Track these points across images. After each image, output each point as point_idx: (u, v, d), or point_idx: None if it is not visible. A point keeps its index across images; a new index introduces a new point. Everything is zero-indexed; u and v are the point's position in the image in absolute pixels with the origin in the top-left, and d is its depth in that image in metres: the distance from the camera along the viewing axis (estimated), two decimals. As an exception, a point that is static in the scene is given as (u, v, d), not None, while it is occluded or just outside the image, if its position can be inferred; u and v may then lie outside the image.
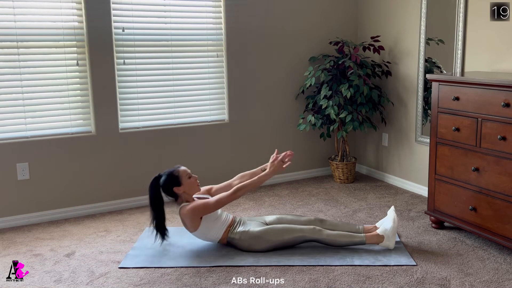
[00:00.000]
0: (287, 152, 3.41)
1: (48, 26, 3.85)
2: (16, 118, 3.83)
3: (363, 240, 3.22)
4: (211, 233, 3.23)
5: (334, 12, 4.91)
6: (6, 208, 3.82)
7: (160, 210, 3.22)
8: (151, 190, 3.22)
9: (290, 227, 3.23)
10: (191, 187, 3.25)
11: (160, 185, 3.22)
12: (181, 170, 3.25)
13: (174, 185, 3.21)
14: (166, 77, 4.30)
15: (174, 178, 3.21)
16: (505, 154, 3.02)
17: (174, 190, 3.21)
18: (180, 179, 3.22)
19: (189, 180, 3.24)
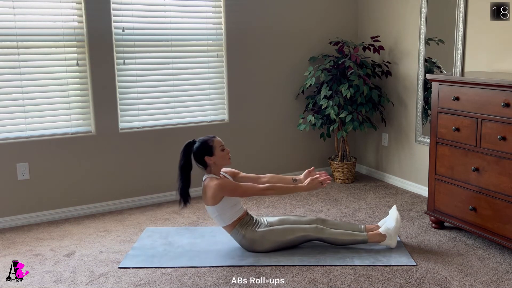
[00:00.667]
0: (323, 172, 3.34)
1: (48, 26, 3.85)
2: (16, 118, 3.83)
3: (365, 239, 3.22)
4: (223, 216, 3.19)
5: (334, 12, 4.91)
6: (6, 208, 3.82)
7: (187, 175, 3.20)
8: (183, 154, 3.20)
9: (292, 227, 3.23)
10: (222, 159, 3.22)
11: (192, 151, 3.20)
12: (216, 140, 3.22)
13: (206, 154, 3.18)
14: (166, 77, 4.30)
15: (208, 147, 3.19)
16: (505, 154, 3.02)
17: (205, 159, 3.18)
18: (213, 149, 3.19)
19: (222, 152, 3.21)
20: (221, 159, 3.21)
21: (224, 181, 3.15)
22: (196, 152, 3.19)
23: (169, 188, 4.39)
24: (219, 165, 3.22)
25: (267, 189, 3.17)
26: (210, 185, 3.14)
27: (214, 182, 3.13)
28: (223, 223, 3.23)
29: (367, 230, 3.32)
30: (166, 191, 4.38)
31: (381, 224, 3.33)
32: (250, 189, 3.17)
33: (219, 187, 3.11)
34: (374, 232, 3.25)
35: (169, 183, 4.38)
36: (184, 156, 3.20)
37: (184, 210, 4.11)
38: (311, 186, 3.23)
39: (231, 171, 3.42)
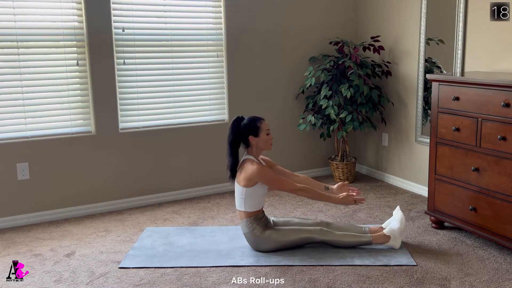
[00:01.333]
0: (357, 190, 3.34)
1: (48, 26, 3.85)
2: (16, 118, 3.83)
3: (370, 240, 3.22)
4: (247, 201, 3.18)
5: (334, 12, 4.91)
6: (6, 208, 3.82)
7: (236, 151, 3.21)
8: (232, 129, 3.20)
9: (297, 228, 3.24)
10: (265, 143, 3.22)
11: (240, 126, 3.20)
12: (264, 123, 3.22)
13: (252, 133, 3.18)
14: (166, 77, 4.30)
15: (255, 127, 3.19)
16: (505, 154, 3.02)
17: (250, 138, 3.19)
18: (260, 131, 3.19)
19: (267, 136, 3.22)
20: (264, 142, 3.22)
21: (264, 167, 3.16)
22: (242, 128, 3.19)
23: (169, 188, 4.39)
24: (260, 148, 3.23)
25: (301, 190, 3.17)
26: (249, 167, 3.14)
27: (254, 165, 3.13)
28: (242, 207, 3.21)
29: (372, 232, 3.32)
30: (166, 191, 4.38)
31: (385, 226, 3.33)
32: (286, 184, 3.18)
33: (258, 171, 3.11)
34: (379, 233, 3.25)
35: (169, 183, 4.39)
36: (232, 131, 3.21)
37: (184, 210, 4.12)
38: (345, 201, 3.24)
39: (268, 159, 3.43)
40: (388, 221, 3.35)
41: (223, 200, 4.36)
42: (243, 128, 3.20)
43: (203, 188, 4.53)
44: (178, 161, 4.41)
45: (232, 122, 3.23)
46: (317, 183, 3.43)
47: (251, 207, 3.19)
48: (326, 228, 3.31)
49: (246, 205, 3.19)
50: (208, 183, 4.56)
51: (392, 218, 3.33)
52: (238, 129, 3.20)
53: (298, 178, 3.41)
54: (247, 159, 3.21)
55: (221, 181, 4.60)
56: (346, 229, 3.34)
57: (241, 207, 3.22)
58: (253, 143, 3.20)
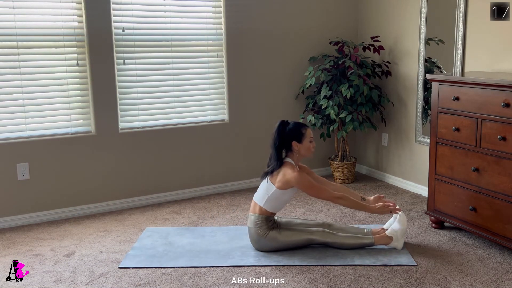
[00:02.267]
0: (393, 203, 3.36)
1: (48, 26, 3.85)
2: (16, 118, 3.83)
3: (372, 242, 3.22)
4: (269, 200, 3.17)
5: (334, 12, 4.91)
6: (6, 208, 3.82)
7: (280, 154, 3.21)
8: (277, 132, 3.20)
9: (299, 229, 3.24)
10: (307, 150, 3.22)
11: (285, 130, 3.19)
12: (309, 130, 3.22)
13: (295, 139, 3.18)
14: (166, 77, 4.30)
15: (300, 133, 3.19)
16: (505, 154, 3.02)
17: (293, 143, 3.18)
18: (303, 137, 3.19)
19: (310, 143, 3.22)
20: (306, 149, 3.21)
21: (304, 175, 3.15)
22: (288, 133, 3.19)
23: (169, 188, 4.39)
24: (302, 154, 3.22)
25: (339, 198, 3.17)
26: (289, 171, 3.13)
27: (295, 171, 3.13)
28: (262, 203, 3.19)
29: (373, 233, 3.32)
30: (166, 191, 4.38)
31: (387, 227, 3.33)
32: (324, 192, 3.17)
33: (298, 178, 3.11)
34: (381, 234, 3.26)
35: (169, 183, 4.39)
36: (278, 134, 3.20)
37: (184, 210, 4.12)
38: (381, 211, 3.26)
39: (305, 167, 3.42)
40: (390, 221, 3.35)
41: (223, 200, 4.36)
42: (288, 132, 3.19)
43: (203, 188, 4.53)
44: (178, 161, 4.41)
45: (278, 126, 3.21)
46: (354, 192, 3.44)
47: (270, 207, 3.20)
48: (328, 229, 3.31)
49: (267, 203, 3.19)
50: (208, 183, 4.56)
51: (393, 219, 3.33)
52: (283, 133, 3.19)
53: (335, 186, 3.41)
54: (287, 162, 3.20)
55: (221, 181, 4.60)
56: (348, 231, 3.34)
57: (261, 202, 3.20)
58: (295, 149, 3.19)
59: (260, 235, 3.18)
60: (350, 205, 3.22)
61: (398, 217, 3.28)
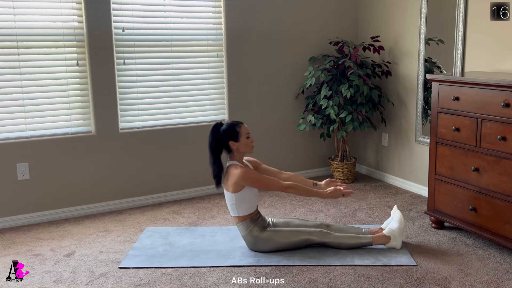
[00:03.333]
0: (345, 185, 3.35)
1: (48, 26, 3.85)
2: (16, 118, 3.83)
3: (370, 241, 3.22)
4: (239, 205, 3.17)
5: (334, 12, 4.91)
6: (6, 208, 3.82)
7: (218, 158, 3.20)
8: (211, 136, 3.20)
9: (297, 229, 3.23)
10: (246, 147, 3.20)
11: (219, 132, 3.19)
12: (243, 127, 3.21)
13: (231, 139, 3.17)
14: (166, 77, 4.30)
15: (234, 132, 3.17)
16: (505, 154, 3.02)
17: (230, 143, 3.17)
18: (240, 136, 3.18)
19: (247, 139, 3.20)
20: (245, 146, 3.20)
21: (248, 170, 3.14)
22: (222, 134, 3.18)
23: (169, 188, 4.39)
24: (241, 152, 3.21)
25: (289, 187, 3.16)
26: (233, 172, 3.13)
27: (238, 169, 3.12)
28: (236, 213, 3.20)
29: (371, 233, 3.32)
30: (166, 191, 4.38)
31: (385, 226, 3.33)
32: (273, 183, 3.16)
33: (242, 175, 3.09)
34: (379, 234, 3.25)
35: (169, 183, 4.39)
36: (213, 137, 3.20)
37: (184, 210, 4.12)
38: (333, 195, 3.24)
39: (253, 160, 3.41)
40: (387, 221, 3.35)
41: (223, 200, 4.36)
42: (222, 134, 3.18)
43: (203, 188, 4.53)
44: (178, 161, 4.41)
45: (211, 129, 3.21)
46: (306, 179, 3.42)
47: (244, 210, 3.19)
48: (326, 229, 3.31)
49: (239, 209, 3.18)
50: (208, 183, 4.55)
51: (390, 218, 3.33)
52: (218, 136, 3.19)
53: (286, 175, 3.39)
54: (231, 165, 3.19)
55: (221, 181, 4.60)
56: (346, 231, 3.34)
57: (234, 213, 3.21)
58: (234, 148, 3.18)
59: (255, 236, 3.18)
60: (301, 192, 3.21)
61: (395, 216, 3.29)
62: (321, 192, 3.24)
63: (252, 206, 3.21)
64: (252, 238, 3.19)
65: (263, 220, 3.28)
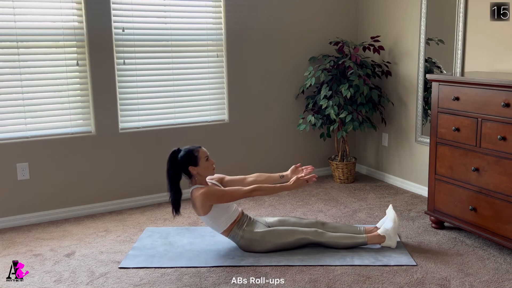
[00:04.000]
0: (309, 167, 3.36)
1: (48, 26, 3.85)
2: (16, 118, 3.83)
3: (365, 241, 3.22)
4: (218, 222, 3.18)
5: (334, 12, 4.91)
6: (6, 208, 3.82)
7: (176, 183, 3.20)
8: (169, 163, 3.19)
9: (292, 229, 3.23)
10: (206, 170, 3.20)
11: (177, 159, 3.18)
12: (201, 151, 3.20)
13: (191, 164, 3.16)
14: (166, 77, 4.30)
15: (193, 157, 3.17)
16: (505, 154, 3.02)
17: (189, 169, 3.17)
18: (198, 160, 3.17)
19: (207, 162, 3.20)
20: (205, 169, 3.20)
21: (209, 189, 3.13)
22: (180, 161, 3.18)
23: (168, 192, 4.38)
24: (203, 175, 3.21)
25: (253, 191, 3.15)
26: (196, 195, 3.14)
27: (199, 191, 3.12)
28: (220, 229, 3.22)
29: (367, 232, 3.32)
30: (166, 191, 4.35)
31: (380, 225, 3.34)
32: (237, 193, 3.15)
33: (205, 195, 3.10)
34: (373, 233, 3.26)
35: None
36: (170, 165, 3.20)
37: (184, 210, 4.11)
38: (296, 185, 3.23)
39: (217, 176, 3.40)
40: (382, 220, 3.36)
41: (223, 200, 4.36)
42: (181, 160, 3.18)
43: (203, 188, 4.52)
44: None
45: (169, 157, 3.20)
46: (271, 175, 3.42)
47: (225, 223, 3.19)
48: (322, 228, 3.31)
49: (220, 225, 3.20)
50: (208, 183, 4.56)
51: (385, 217, 3.33)
52: (176, 163, 3.19)
53: (251, 178, 3.38)
54: (193, 189, 3.19)
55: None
56: (342, 229, 3.34)
57: (219, 230, 3.23)
58: (194, 172, 3.18)
59: (248, 238, 3.18)
60: (266, 192, 3.20)
61: (390, 215, 3.29)
62: (285, 186, 3.22)
63: (231, 214, 3.21)
64: (246, 241, 3.20)
65: (250, 220, 3.29)
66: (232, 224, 3.20)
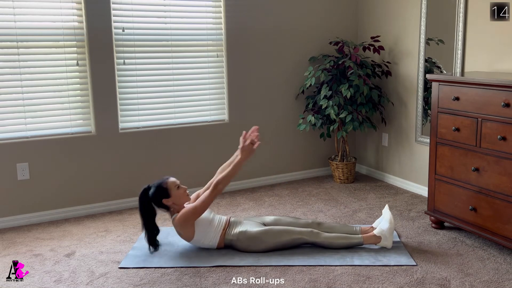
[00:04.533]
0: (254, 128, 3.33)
1: (48, 26, 3.85)
2: (16, 118, 3.83)
3: (360, 241, 3.22)
4: (207, 239, 3.22)
5: (334, 12, 4.91)
6: (6, 208, 3.82)
7: (151, 221, 3.25)
8: (141, 201, 3.23)
9: (289, 229, 3.23)
10: (180, 198, 3.24)
11: (149, 197, 3.22)
12: (169, 182, 3.24)
13: (163, 197, 3.20)
14: (166, 77, 4.30)
15: (163, 190, 3.21)
16: (505, 154, 3.02)
17: (163, 201, 3.21)
18: (169, 191, 3.21)
19: (178, 190, 3.24)
20: (179, 198, 3.23)
21: (181, 213, 3.16)
22: (153, 198, 3.22)
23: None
24: (179, 204, 3.23)
25: (214, 188, 3.17)
26: (176, 223, 3.19)
27: (176, 218, 3.18)
28: (214, 243, 3.24)
29: (363, 232, 3.32)
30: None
31: (376, 225, 3.34)
32: (205, 199, 3.15)
33: (182, 219, 3.15)
34: (369, 234, 3.26)
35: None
36: (143, 203, 3.22)
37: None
38: (246, 154, 3.22)
39: (193, 197, 3.41)
40: (378, 220, 3.36)
41: (222, 200, 4.36)
42: (152, 196, 3.21)
43: (203, 188, 4.52)
44: (178, 161, 4.41)
45: (140, 196, 3.23)
46: (230, 161, 3.41)
47: (215, 235, 3.23)
48: (317, 228, 3.31)
49: (210, 240, 3.23)
50: (208, 183, 4.56)
51: (381, 217, 3.33)
52: (149, 200, 3.22)
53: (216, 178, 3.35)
54: (173, 219, 3.22)
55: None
56: (338, 229, 3.34)
57: (213, 246, 3.25)
58: (169, 204, 3.21)
59: (244, 240, 3.19)
60: (228, 179, 3.18)
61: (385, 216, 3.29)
62: (237, 161, 3.21)
63: (216, 226, 3.24)
64: (242, 243, 3.21)
65: (241, 223, 3.31)
66: (222, 234, 3.23)
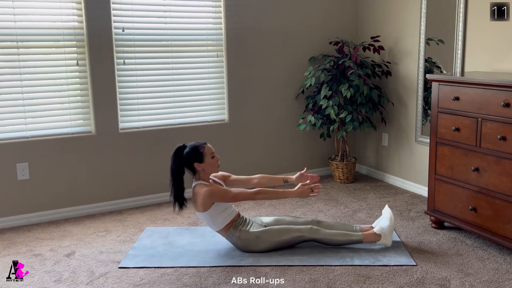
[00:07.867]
0: (315, 176, 3.35)
1: (48, 26, 3.85)
2: (16, 118, 3.83)
3: (360, 239, 3.22)
4: (215, 221, 3.18)
5: (334, 12, 4.91)
6: (6, 208, 3.82)
7: (180, 180, 3.19)
8: (174, 158, 3.18)
9: (288, 227, 3.23)
10: (212, 167, 3.20)
11: (182, 155, 3.18)
12: (207, 147, 3.19)
13: (196, 160, 3.16)
14: (166, 77, 4.30)
15: (198, 154, 3.16)
16: (505, 154, 3.02)
17: (195, 165, 3.16)
18: (204, 156, 3.17)
19: (212, 159, 3.19)
20: (210, 166, 3.20)
21: (213, 188, 3.14)
22: (186, 157, 3.17)
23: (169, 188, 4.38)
24: (207, 172, 3.21)
25: (257, 193, 3.16)
26: (199, 191, 3.13)
27: (203, 188, 3.12)
28: (216, 228, 3.22)
29: (362, 231, 3.32)
30: (166, 191, 4.35)
31: (375, 225, 3.34)
32: (240, 194, 3.15)
33: (208, 193, 3.10)
34: (369, 231, 3.26)
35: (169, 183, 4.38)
36: (175, 161, 3.19)
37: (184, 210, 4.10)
38: (301, 193, 3.22)
39: (221, 174, 3.40)
40: (378, 219, 3.36)
41: (223, 200, 4.36)
42: (186, 156, 3.17)
43: (203, 188, 4.52)
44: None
45: (174, 153, 3.19)
46: (275, 177, 3.43)
47: (222, 222, 3.20)
48: (317, 226, 3.31)
49: (216, 224, 3.20)
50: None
51: (381, 217, 3.34)
52: (181, 159, 3.18)
53: (256, 180, 3.39)
54: (196, 185, 3.19)
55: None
56: (337, 227, 3.34)
57: (215, 228, 3.23)
58: (199, 169, 3.18)
59: (244, 239, 3.19)
60: (270, 196, 3.21)
61: (385, 214, 3.29)
62: (289, 192, 3.22)
63: (228, 214, 3.22)
64: (242, 242, 3.20)
65: (246, 221, 3.29)
66: (229, 224, 3.21)
